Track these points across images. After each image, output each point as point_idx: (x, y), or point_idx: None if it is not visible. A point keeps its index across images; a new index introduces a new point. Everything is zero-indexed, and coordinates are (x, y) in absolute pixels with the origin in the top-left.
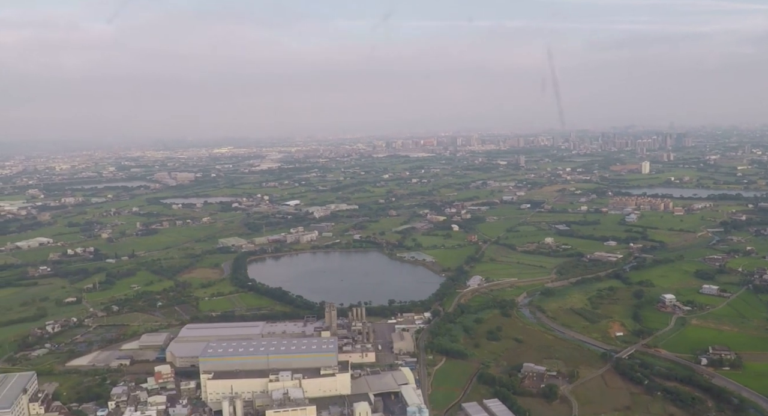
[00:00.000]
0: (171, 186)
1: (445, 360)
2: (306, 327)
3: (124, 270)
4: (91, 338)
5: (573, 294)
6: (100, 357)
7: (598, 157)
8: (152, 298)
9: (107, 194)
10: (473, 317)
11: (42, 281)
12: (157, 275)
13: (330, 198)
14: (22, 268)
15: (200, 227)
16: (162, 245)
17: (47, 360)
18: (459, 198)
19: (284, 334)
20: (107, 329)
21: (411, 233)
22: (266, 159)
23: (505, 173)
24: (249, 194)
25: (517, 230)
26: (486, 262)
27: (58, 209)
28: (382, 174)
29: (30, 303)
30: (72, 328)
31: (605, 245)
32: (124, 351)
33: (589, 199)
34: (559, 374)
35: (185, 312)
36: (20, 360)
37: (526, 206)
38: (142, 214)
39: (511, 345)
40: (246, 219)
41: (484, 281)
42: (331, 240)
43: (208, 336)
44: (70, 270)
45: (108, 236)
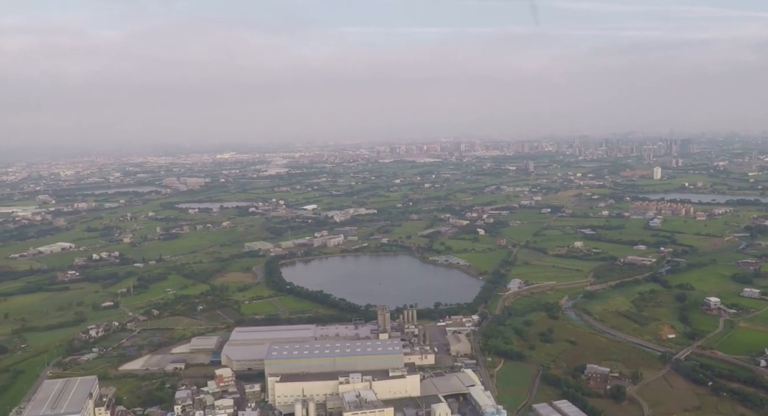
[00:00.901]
0: (182, 191)
1: (503, 362)
2: (358, 329)
3: (154, 274)
4: (137, 342)
5: (615, 297)
6: (152, 361)
7: (605, 162)
8: (191, 302)
9: (119, 200)
10: (521, 319)
11: (73, 286)
12: (190, 279)
13: (346, 202)
14: (50, 273)
15: (221, 231)
16: (187, 250)
17: (98, 364)
18: (475, 203)
19: (337, 337)
20: (152, 333)
21: (437, 237)
22: (272, 164)
23: (515, 178)
24: (263, 198)
25: (543, 234)
26: (520, 266)
27: (71, 214)
28: (393, 179)
29: (66, 308)
30: (115, 332)
31: (635, 250)
32: (175, 354)
33: (607, 204)
34: (621, 375)
35: (227, 316)
36: (70, 365)
37: (546, 211)
38: (160, 219)
39: (565, 347)
40: (266, 223)
41: (523, 284)
42: (358, 244)
43: (261, 340)
44: (100, 275)
45: (130, 240)
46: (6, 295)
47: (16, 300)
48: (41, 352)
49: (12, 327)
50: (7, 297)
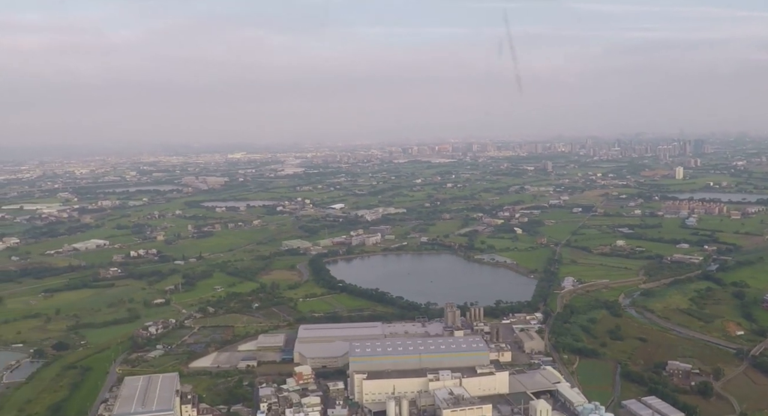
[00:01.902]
0: (203, 190)
1: (578, 359)
2: (426, 327)
3: (198, 272)
4: (199, 339)
5: (672, 295)
6: (221, 358)
7: (622, 163)
8: (244, 300)
9: (142, 198)
10: (584, 317)
11: (118, 283)
12: (235, 277)
13: (372, 202)
14: (91, 269)
15: (253, 230)
16: (224, 248)
17: (166, 361)
18: (502, 202)
19: (406, 334)
20: (212, 330)
21: (476, 235)
22: (286, 164)
23: (536, 178)
24: (287, 197)
25: (581, 233)
26: (568, 264)
27: (96, 212)
28: (413, 179)
29: (117, 305)
30: (175, 329)
31: (678, 248)
32: (243, 352)
33: (637, 203)
34: (702, 372)
35: (285, 314)
36: (137, 362)
37: (577, 210)
38: (188, 217)
39: (636, 344)
40: (296, 222)
41: (577, 282)
42: (397, 243)
43: (332, 337)
44: (143, 272)
45: (164, 238)
46: (52, 291)
47: (63, 297)
48: (103, 349)
49: (66, 324)
50: (53, 293)
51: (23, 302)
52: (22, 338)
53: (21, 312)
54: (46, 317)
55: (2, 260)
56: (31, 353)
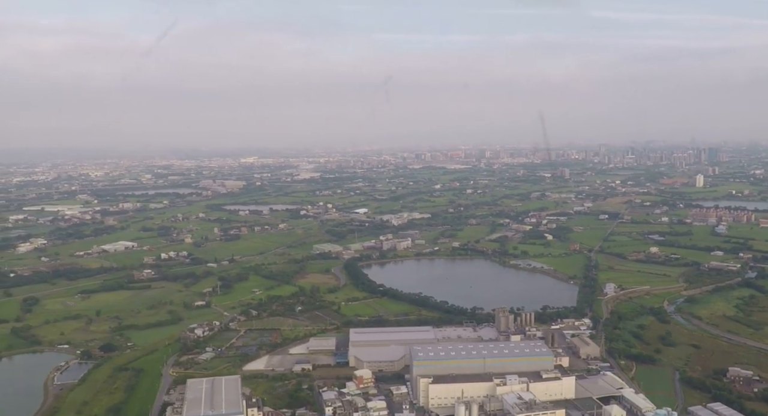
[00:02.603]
0: (222, 194)
1: (635, 364)
2: (478, 331)
3: (233, 275)
4: (248, 342)
5: (716, 302)
6: (274, 362)
7: (638, 170)
8: (285, 303)
9: (162, 201)
10: (632, 323)
11: (154, 285)
12: (271, 280)
13: (394, 207)
14: (123, 271)
15: (280, 233)
16: (253, 251)
17: (218, 364)
18: (526, 209)
19: (459, 339)
20: (259, 333)
21: (506, 241)
22: (300, 169)
23: (554, 185)
24: (309, 202)
25: (612, 240)
26: (605, 270)
27: (118, 214)
28: (432, 185)
29: (157, 307)
30: (221, 332)
31: (712, 256)
32: (295, 355)
33: (662, 211)
34: (762, 378)
35: (329, 317)
36: (189, 364)
37: (604, 217)
38: (213, 220)
39: (690, 350)
40: (322, 226)
41: (618, 288)
42: (428, 248)
43: (386, 341)
44: (178, 274)
45: (191, 240)
46: (88, 292)
47: (100, 298)
48: (152, 351)
49: (109, 325)
50: (89, 295)
51: (60, 303)
52: (66, 339)
53: (60, 313)
54: (87, 318)
55: (32, 261)
56: (78, 354)
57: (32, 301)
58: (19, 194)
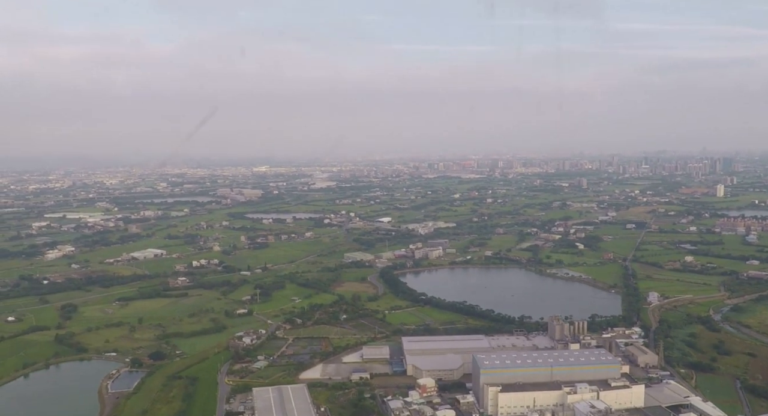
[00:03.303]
0: (241, 202)
1: (695, 373)
2: (532, 340)
3: (269, 283)
4: (298, 350)
5: (762, 311)
6: (329, 370)
7: (654, 180)
8: (327, 311)
9: (183, 208)
10: (682, 332)
11: (191, 293)
12: (309, 289)
13: (416, 216)
14: (157, 279)
15: (307, 242)
16: (284, 259)
17: (273, 372)
18: (549, 218)
19: (514, 347)
20: (308, 341)
21: (538, 250)
22: (315, 178)
23: (573, 194)
24: (330, 210)
25: (644, 249)
26: (643, 279)
27: (140, 221)
28: (450, 194)
29: (198, 315)
30: (269, 340)
31: (748, 265)
32: (349, 364)
33: (688, 220)
34: None
35: (375, 325)
36: (244, 372)
37: (631, 227)
38: (237, 228)
39: (746, 359)
40: (348, 235)
41: (662, 297)
42: (460, 256)
43: (442, 349)
44: (212, 282)
45: (220, 248)
46: (125, 300)
47: (138, 305)
48: (202, 359)
49: (153, 333)
50: (127, 302)
51: (99, 311)
52: (112, 346)
53: (101, 321)
54: (130, 325)
55: (63, 268)
56: (127, 362)
57: (70, 308)
58: (37, 201)
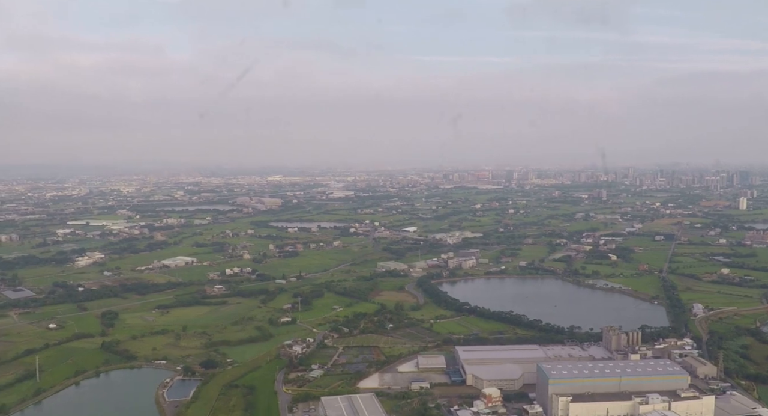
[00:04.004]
0: (262, 211)
1: (755, 384)
2: (587, 350)
3: (307, 291)
4: (350, 359)
5: None
6: (387, 379)
7: (674, 193)
8: (371, 320)
9: (205, 217)
10: (733, 343)
11: (230, 301)
12: (348, 298)
13: (441, 226)
14: (192, 286)
15: (336, 251)
16: (316, 268)
17: (330, 381)
18: (575, 229)
19: (570, 357)
20: (359, 350)
21: (571, 261)
22: (331, 187)
23: (594, 206)
24: (353, 219)
25: (678, 261)
26: (683, 291)
27: (164, 229)
28: (471, 205)
29: (241, 323)
30: (319, 349)
31: None
32: (405, 373)
33: (716, 233)
34: None
35: (421, 335)
36: (301, 381)
37: (660, 238)
38: (263, 237)
39: None
40: (376, 244)
41: (707, 309)
42: (493, 266)
43: (499, 359)
44: (249, 290)
45: (250, 257)
46: (165, 307)
47: (178, 313)
48: (255, 367)
49: (199, 341)
50: (167, 310)
51: (139, 318)
52: (160, 354)
53: (143, 328)
54: (175, 333)
55: (95, 275)
56: (178, 370)
57: (111, 316)
58: (57, 208)
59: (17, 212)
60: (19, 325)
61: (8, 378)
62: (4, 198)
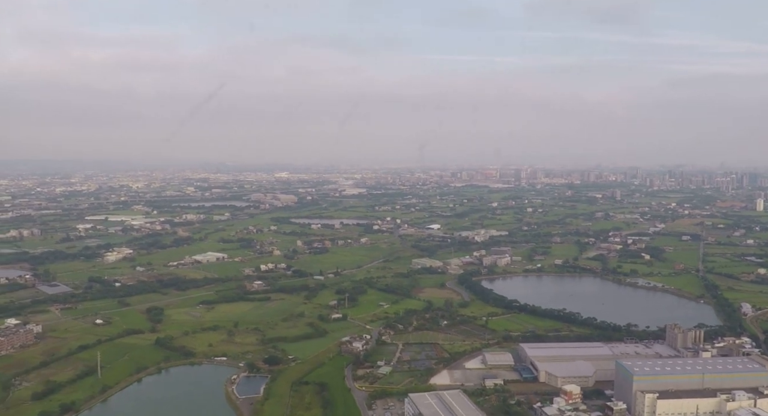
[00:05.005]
0: (279, 207)
1: None
2: (652, 348)
3: (348, 288)
4: (413, 356)
5: None
6: (456, 376)
7: (686, 194)
8: (422, 317)
9: (223, 213)
10: None
11: (273, 297)
12: (391, 294)
13: (463, 224)
14: (230, 282)
15: (364, 247)
16: (350, 264)
17: (400, 377)
18: (598, 228)
19: (637, 355)
20: (419, 347)
21: (605, 260)
22: (341, 184)
23: (611, 205)
24: (373, 216)
25: (712, 260)
26: (725, 290)
27: (184, 225)
28: (487, 203)
29: (291, 319)
30: (379, 345)
31: None
32: (474, 370)
33: (741, 233)
34: None
35: (477, 332)
36: (372, 378)
37: (686, 238)
38: (287, 233)
39: None
40: (403, 241)
41: (755, 308)
42: (527, 264)
43: (570, 356)
44: (290, 286)
45: (280, 253)
46: (209, 303)
47: (223, 309)
48: (319, 364)
49: (254, 337)
50: (212, 306)
51: (185, 314)
52: (217, 351)
53: (193, 324)
54: (226, 329)
55: (127, 270)
56: (241, 367)
57: (157, 311)
58: (70, 203)
59: (32, 207)
60: (63, 321)
61: (68, 375)
62: (14, 193)
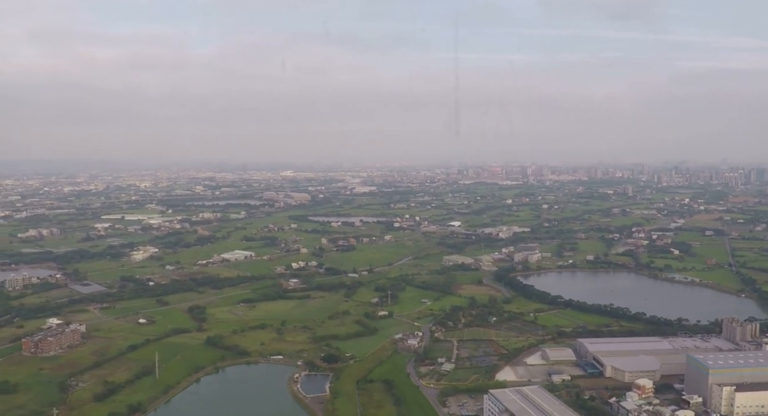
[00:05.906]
0: (293, 205)
1: None
2: (710, 342)
3: (386, 285)
4: (471, 353)
5: None
6: (520, 372)
7: (696, 189)
8: (470, 314)
9: (239, 211)
10: None
11: (313, 294)
12: (431, 291)
13: (482, 221)
14: (264, 280)
15: (390, 245)
16: (380, 262)
17: (464, 374)
18: (617, 224)
19: (697, 349)
20: (474, 343)
21: (636, 255)
22: (349, 182)
23: (625, 201)
24: (390, 214)
25: (741, 255)
26: (763, 284)
27: (202, 223)
28: (501, 200)
29: (337, 317)
30: (433, 342)
31: None
32: (535, 366)
33: (762, 228)
34: None
35: (526, 328)
36: (438, 375)
37: (710, 233)
38: (309, 231)
39: None
40: (428, 239)
41: None
42: (558, 261)
43: (633, 351)
44: (328, 283)
45: (307, 251)
46: (249, 302)
47: (264, 307)
48: (379, 361)
49: (304, 335)
50: (253, 304)
51: (228, 312)
52: (271, 349)
53: (238, 323)
54: (274, 328)
55: (156, 269)
56: (300, 365)
57: (199, 310)
58: (82, 203)
59: (44, 206)
60: (105, 320)
61: (125, 375)
62: (22, 193)
